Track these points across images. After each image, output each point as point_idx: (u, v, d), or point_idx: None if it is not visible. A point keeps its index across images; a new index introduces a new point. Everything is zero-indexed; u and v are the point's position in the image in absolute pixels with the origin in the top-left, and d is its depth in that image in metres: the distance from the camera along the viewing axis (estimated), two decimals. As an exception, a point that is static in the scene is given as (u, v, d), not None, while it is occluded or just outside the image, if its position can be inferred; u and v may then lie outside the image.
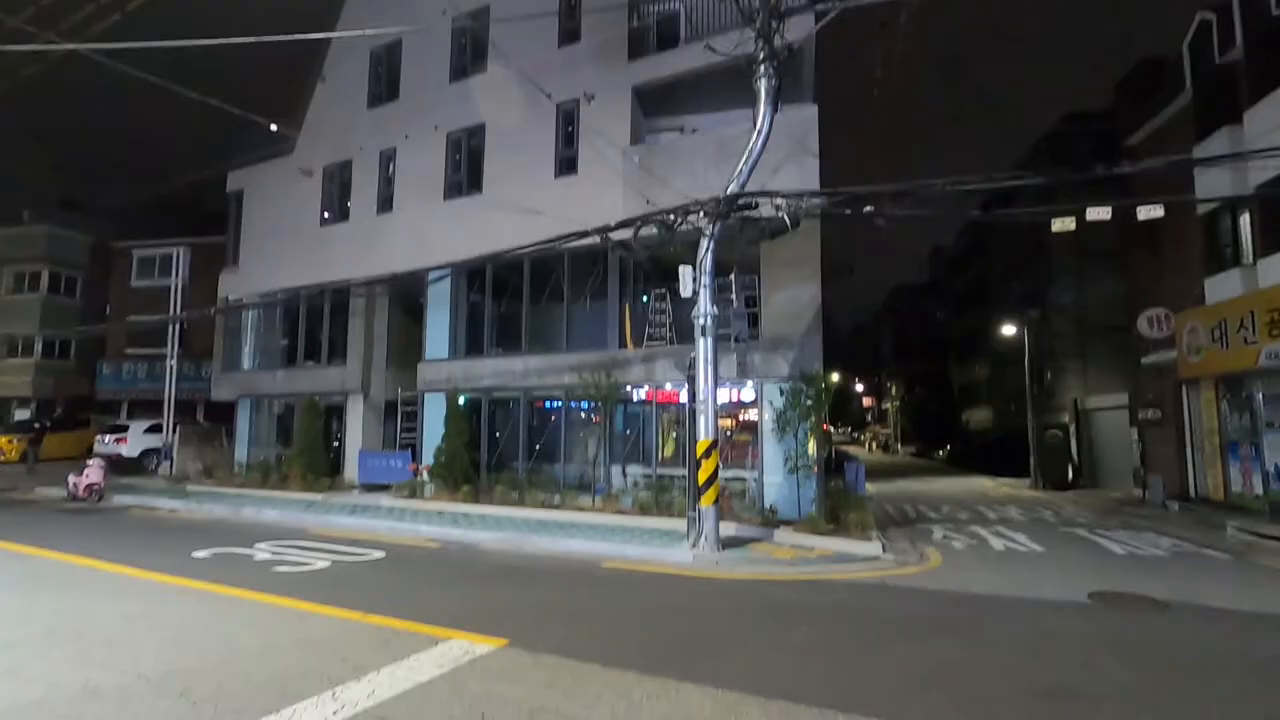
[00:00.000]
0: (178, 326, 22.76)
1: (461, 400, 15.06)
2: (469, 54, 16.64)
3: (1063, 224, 9.77)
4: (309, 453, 16.49)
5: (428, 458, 14.99)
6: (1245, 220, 14.69)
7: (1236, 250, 14.93)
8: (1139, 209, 9.65)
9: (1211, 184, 14.46)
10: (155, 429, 22.08)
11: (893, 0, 8.91)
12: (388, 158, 17.42)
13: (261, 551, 8.92)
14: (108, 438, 22.03)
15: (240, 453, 19.34)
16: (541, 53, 14.98)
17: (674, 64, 13.67)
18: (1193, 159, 14.16)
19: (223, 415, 22.01)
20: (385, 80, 18.02)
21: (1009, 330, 28.52)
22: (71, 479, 15.02)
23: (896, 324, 62.43)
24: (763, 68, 9.21)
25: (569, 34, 15.06)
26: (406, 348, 17.55)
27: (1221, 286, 14.97)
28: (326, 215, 18.47)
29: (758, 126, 9.30)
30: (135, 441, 21.91)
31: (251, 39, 8.14)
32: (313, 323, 18.71)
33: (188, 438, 21.32)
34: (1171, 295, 17.00)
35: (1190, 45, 16.26)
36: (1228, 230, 15.20)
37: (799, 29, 10.62)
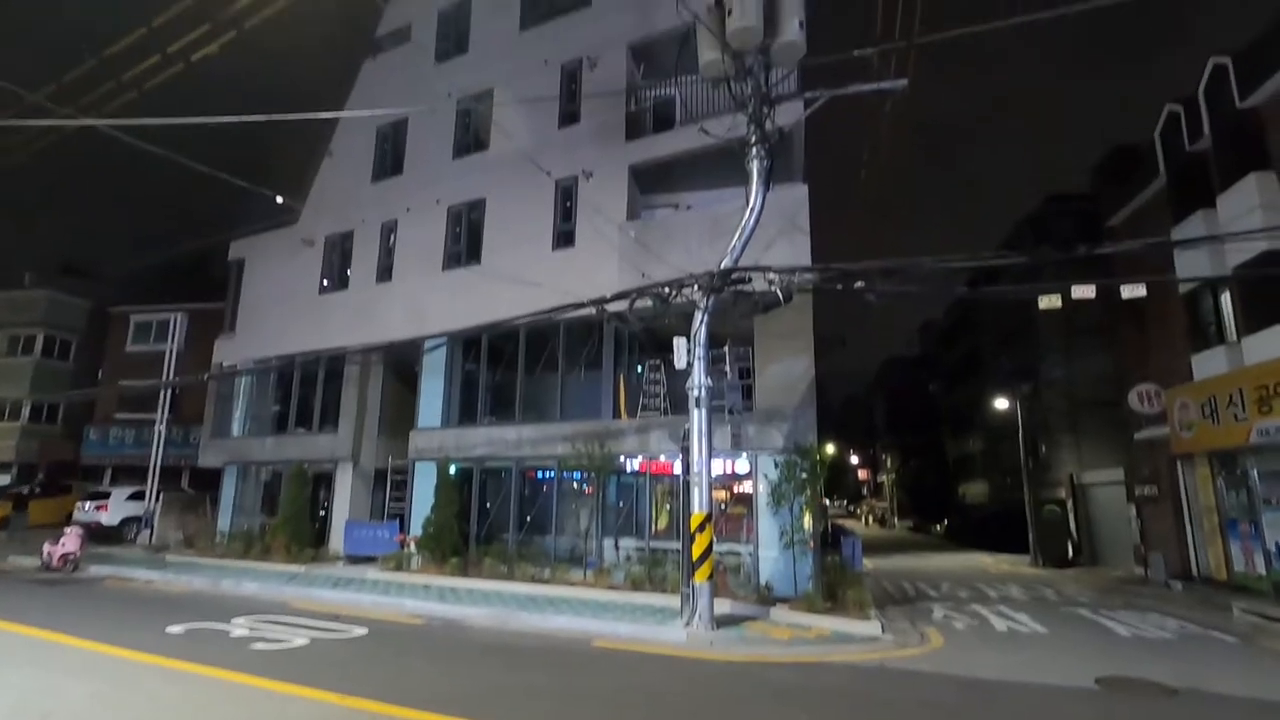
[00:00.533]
0: (169, 392, 22.63)
1: (453, 469, 14.87)
2: (472, 133, 17.30)
3: (1049, 302, 9.99)
4: (294, 522, 16.13)
5: (416, 528, 14.67)
6: (1226, 299, 15.05)
7: (1220, 328, 15.22)
8: (1122, 288, 9.90)
9: (1191, 264, 14.89)
10: (138, 496, 21.61)
11: (877, 90, 9.37)
12: (389, 229, 17.82)
13: (239, 627, 8.59)
14: (88, 505, 21.52)
15: (224, 521, 18.88)
16: (542, 133, 15.60)
17: (669, 145, 14.22)
18: (1171, 241, 14.61)
19: (208, 483, 21.62)
20: (390, 156, 18.65)
21: (1001, 404, 28.65)
22: (47, 548, 14.57)
23: (889, 396, 62.65)
24: (754, 150, 9.58)
25: (569, 116, 15.72)
26: (399, 416, 17.46)
27: (1208, 363, 15.18)
28: (326, 283, 18.72)
29: (750, 205, 9.59)
30: (116, 509, 21.39)
31: (263, 117, 8.47)
32: (306, 389, 18.65)
33: (170, 505, 20.85)
34: (1160, 371, 17.21)
35: (1161, 134, 17.06)
36: (1210, 308, 15.54)
37: (789, 114, 11.14)
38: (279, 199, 16.32)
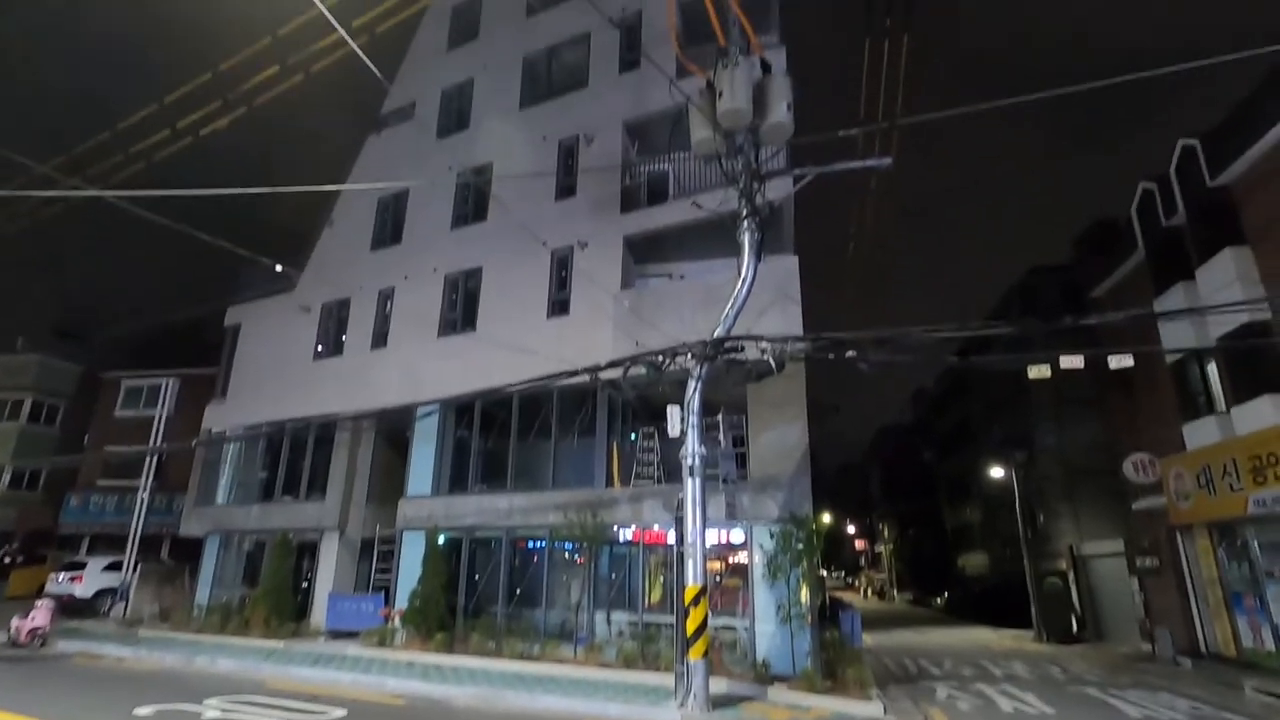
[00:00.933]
0: (155, 458, 22.28)
1: (441, 539, 14.54)
2: (471, 204, 17.75)
3: (1038, 372, 10.10)
4: (275, 594, 15.60)
5: (402, 601, 14.20)
6: (1213, 369, 15.24)
7: (1209, 397, 15.35)
8: (1110, 359, 10.03)
9: (1176, 335, 15.15)
10: (114, 567, 20.93)
11: (863, 167, 9.73)
12: (386, 296, 18.02)
13: (211, 709, 8.18)
14: (61, 576, 20.80)
15: (202, 594, 18.25)
16: (539, 204, 16.03)
17: (663, 218, 14.60)
18: (1153, 313, 14.90)
19: (189, 553, 21.01)
20: (390, 225, 19.05)
21: (997, 473, 28.46)
22: (15, 622, 13.98)
23: (884, 464, 62.21)
24: (746, 223, 9.85)
25: (566, 189, 16.20)
26: (388, 483, 17.18)
27: (1199, 433, 15.23)
28: (320, 349, 18.77)
29: (742, 275, 9.79)
30: (91, 580, 20.67)
31: (269, 190, 8.71)
32: (294, 456, 18.41)
33: (148, 577, 20.18)
34: (1153, 440, 17.22)
35: (1137, 210, 17.65)
36: (1198, 378, 15.71)
37: (779, 189, 11.51)
38: (279, 267, 16.55)
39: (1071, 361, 9.60)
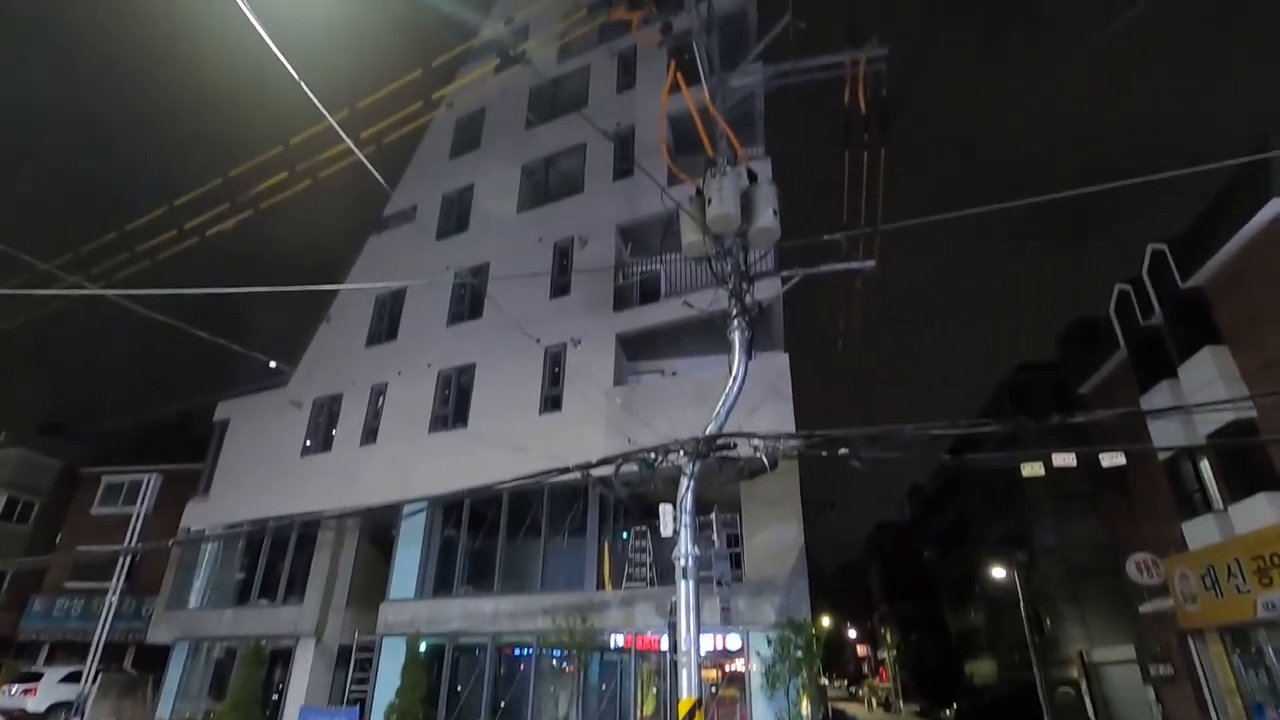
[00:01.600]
0: (129, 558, 21.46)
1: (423, 646, 13.85)
2: (467, 302, 18.12)
3: (1031, 469, 10.07)
4: (243, 709, 14.65)
5: (378, 715, 13.34)
6: (1206, 466, 15.21)
7: (1205, 495, 15.23)
8: (1101, 456, 10.04)
9: (1166, 432, 15.22)
10: (73, 678, 19.67)
11: (847, 270, 10.08)
12: (378, 392, 18.03)
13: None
14: (14, 688, 19.49)
15: (164, 708, 17.09)
16: (534, 302, 16.38)
17: (655, 316, 14.93)
18: (1141, 410, 15.05)
19: (154, 661, 19.83)
20: (386, 322, 19.34)
21: (999, 573, 27.72)
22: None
23: (883, 563, 60.55)
24: (736, 322, 10.06)
25: (560, 287, 16.62)
26: (370, 586, 16.54)
27: (1199, 531, 15.01)
28: (309, 444, 18.54)
29: (733, 373, 9.89)
30: (46, 693, 19.35)
31: (270, 289, 8.91)
32: (274, 556, 17.78)
33: (107, 689, 18.96)
34: (1153, 538, 16.94)
35: (1116, 311, 18.17)
36: (1191, 475, 15.65)
37: (767, 289, 11.85)
38: (273, 364, 16.63)
39: (1064, 459, 9.60)
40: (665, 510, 9.88)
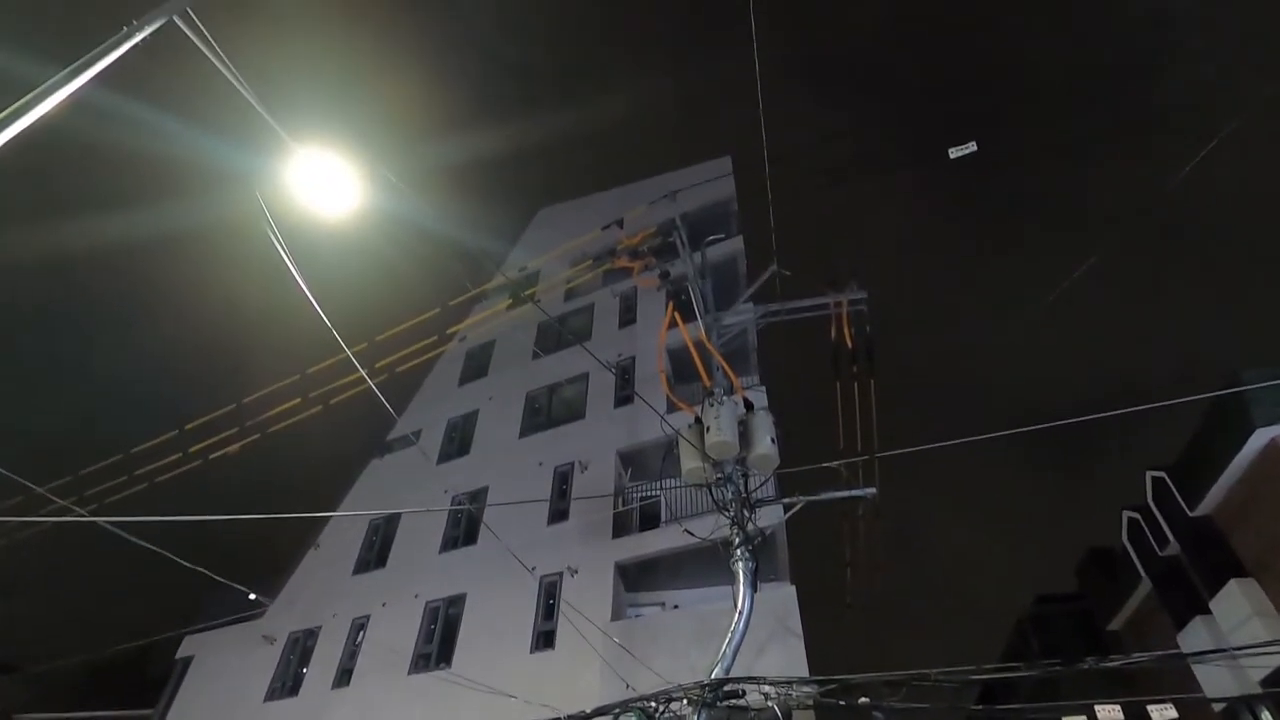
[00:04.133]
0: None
1: None
2: (462, 528, 17.70)
3: (1075, 723, 9.05)
4: None
5: None
6: (1267, 716, 13.68)
7: (1277, 755, 13.49)
8: (1151, 709, 9.10)
9: (1213, 676, 13.93)
10: None
11: (849, 496, 10.01)
12: (359, 625, 16.85)
13: None
14: None
15: None
16: (531, 529, 15.99)
17: (655, 544, 14.51)
18: (1181, 654, 13.96)
19: None
20: (377, 548, 18.70)
21: None
22: None
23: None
24: (739, 552, 9.73)
25: (558, 513, 16.35)
26: None
27: (1282, 801, 13.04)
28: (276, 688, 16.84)
29: (738, 608, 9.33)
30: None
31: (262, 515, 8.76)
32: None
33: None
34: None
35: (1129, 539, 17.62)
36: (1254, 729, 14.01)
37: (770, 516, 11.64)
38: (252, 595, 15.76)
39: (1109, 713, 8.67)
40: (668, 772, 8.69)
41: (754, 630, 9.78)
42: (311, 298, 6.99)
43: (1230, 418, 13.53)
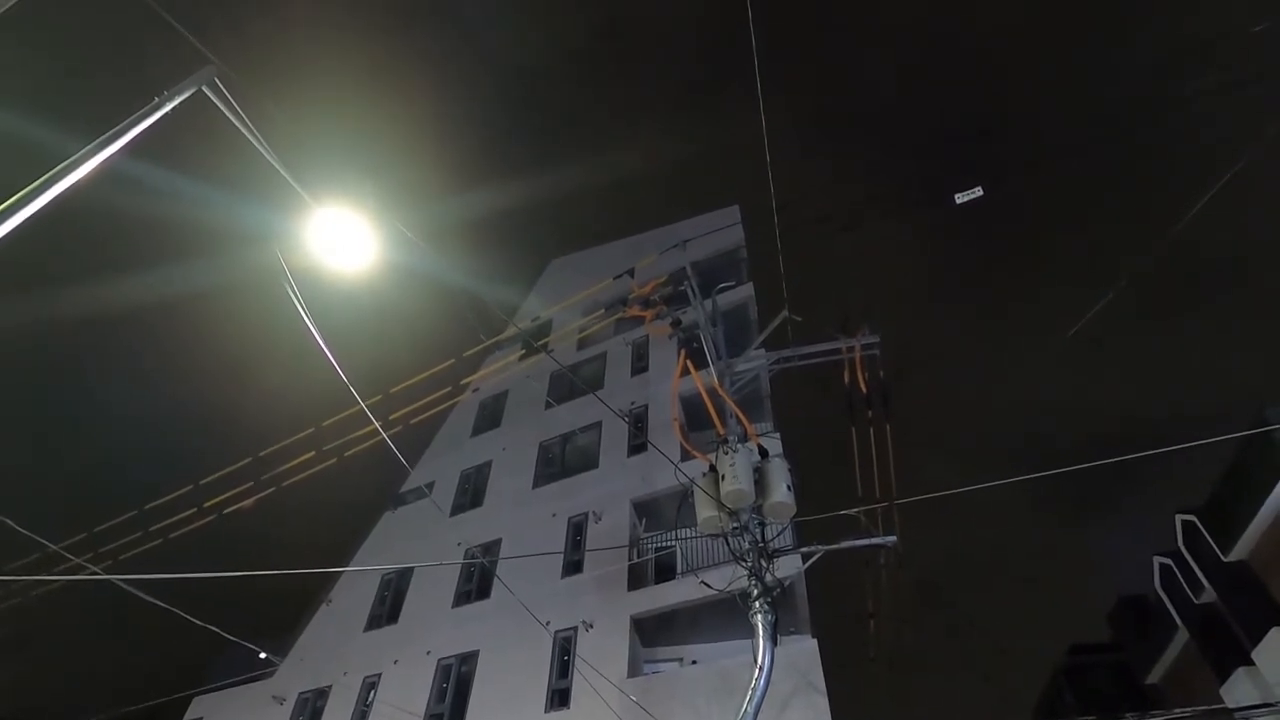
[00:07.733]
0: None
1: None
2: (475, 582, 17.42)
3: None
4: None
5: None
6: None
7: (1337, 818, 12.68)
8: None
9: (1261, 732, 13.22)
10: None
11: (869, 545, 9.78)
12: (370, 684, 16.46)
13: None
14: None
15: None
16: (545, 582, 15.70)
17: (671, 595, 14.17)
18: (1228, 709, 13.33)
19: None
20: (389, 603, 18.40)
21: None
22: None
23: None
24: (758, 604, 9.49)
25: (573, 565, 16.08)
26: None
27: None
28: (282, 752, 16.42)
29: (759, 663, 9.03)
30: None
31: (275, 570, 8.68)
32: None
33: None
34: None
35: (1163, 586, 17.02)
36: (1311, 790, 13.21)
37: (789, 566, 11.36)
38: (262, 654, 15.49)
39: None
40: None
41: (776, 685, 9.44)
42: (328, 351, 7.06)
43: (1260, 458, 13.22)
